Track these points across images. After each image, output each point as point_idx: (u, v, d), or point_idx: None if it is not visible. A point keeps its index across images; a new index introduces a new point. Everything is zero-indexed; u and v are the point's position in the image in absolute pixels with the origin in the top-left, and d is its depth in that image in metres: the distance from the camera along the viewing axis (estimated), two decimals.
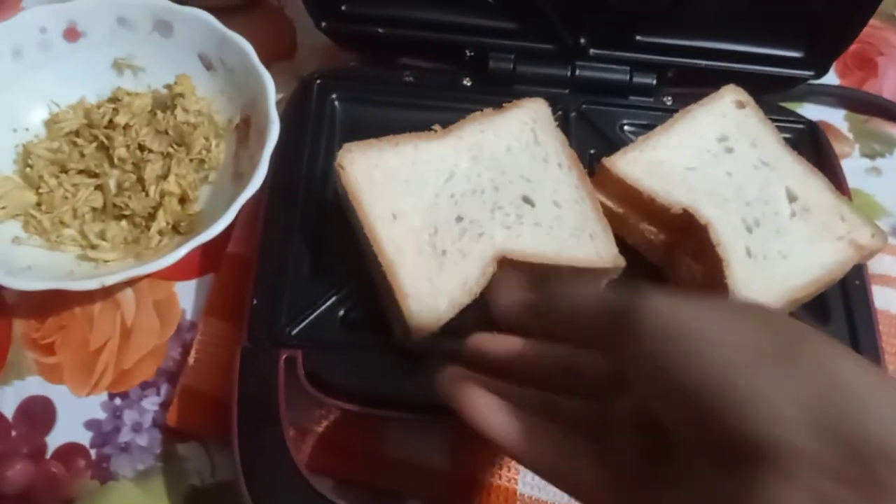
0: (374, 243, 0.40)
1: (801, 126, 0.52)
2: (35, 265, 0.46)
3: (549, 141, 0.46)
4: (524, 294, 0.32)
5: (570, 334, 0.31)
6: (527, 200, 0.44)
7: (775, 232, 0.44)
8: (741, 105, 0.48)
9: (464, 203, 0.43)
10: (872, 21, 0.49)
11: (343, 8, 0.50)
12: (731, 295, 0.41)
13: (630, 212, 0.46)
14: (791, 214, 0.45)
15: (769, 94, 0.49)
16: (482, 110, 0.46)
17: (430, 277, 0.41)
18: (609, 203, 0.46)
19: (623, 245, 0.46)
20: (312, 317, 0.42)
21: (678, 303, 0.27)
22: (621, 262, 0.42)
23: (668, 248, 0.45)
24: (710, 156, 0.46)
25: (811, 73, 0.52)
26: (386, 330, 0.43)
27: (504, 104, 0.47)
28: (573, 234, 0.43)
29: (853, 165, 0.57)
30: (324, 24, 0.50)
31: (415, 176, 0.43)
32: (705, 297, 0.39)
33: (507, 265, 0.42)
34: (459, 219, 0.42)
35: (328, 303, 0.42)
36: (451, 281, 0.41)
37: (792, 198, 0.45)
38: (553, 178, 0.45)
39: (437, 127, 0.45)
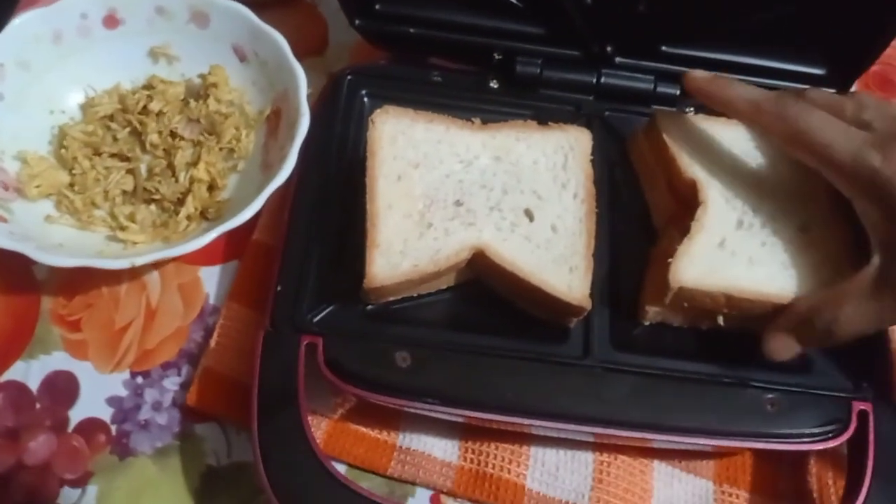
0: (369, 193, 0.42)
1: None
2: (66, 243, 0.47)
3: (576, 171, 0.46)
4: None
5: None
6: (528, 214, 0.44)
7: (760, 243, 0.44)
8: None
9: (468, 192, 0.44)
10: (894, 42, 0.49)
11: (377, 7, 0.51)
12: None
13: (658, 168, 0.47)
14: (794, 237, 0.44)
15: None
16: (525, 120, 0.47)
17: (406, 239, 0.42)
18: (648, 155, 0.48)
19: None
20: (334, 305, 0.43)
21: None
22: (587, 304, 0.42)
23: (671, 217, 0.46)
24: (752, 147, 0.46)
25: (832, 90, 0.53)
26: (405, 321, 0.44)
27: (550, 123, 0.47)
28: (556, 261, 0.43)
29: None
30: (357, 21, 0.51)
31: (435, 152, 0.45)
32: None
33: (480, 259, 0.43)
34: (458, 203, 0.44)
35: (350, 292, 0.43)
36: (424, 248, 0.42)
37: (804, 228, 0.44)
38: (563, 204, 0.45)
39: (476, 120, 0.46)
